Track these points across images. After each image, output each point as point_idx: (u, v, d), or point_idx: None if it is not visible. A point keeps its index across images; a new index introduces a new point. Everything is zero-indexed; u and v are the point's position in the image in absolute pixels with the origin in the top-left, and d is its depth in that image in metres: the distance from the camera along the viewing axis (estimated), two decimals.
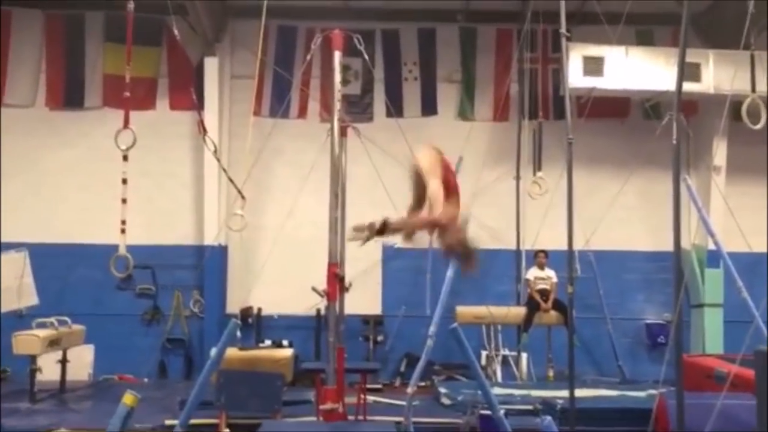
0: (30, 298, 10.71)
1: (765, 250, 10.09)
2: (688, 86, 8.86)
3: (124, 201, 8.14)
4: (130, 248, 8.41)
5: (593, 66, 10.72)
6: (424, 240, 11.15)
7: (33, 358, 9.07)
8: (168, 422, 7.40)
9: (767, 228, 8.17)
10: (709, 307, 11.43)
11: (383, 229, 4.41)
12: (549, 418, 4.21)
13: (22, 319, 10.49)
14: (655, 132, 7.74)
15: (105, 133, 9.30)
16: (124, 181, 8.13)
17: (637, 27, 11.62)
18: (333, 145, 4.65)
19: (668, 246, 7.03)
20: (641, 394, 8.85)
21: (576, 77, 10.54)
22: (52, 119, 11.88)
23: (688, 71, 8.82)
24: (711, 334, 11.32)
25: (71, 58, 11.87)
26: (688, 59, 7.39)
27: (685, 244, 9.50)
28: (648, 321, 11.89)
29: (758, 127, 7.34)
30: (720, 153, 11.47)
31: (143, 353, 11.32)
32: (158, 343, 11.59)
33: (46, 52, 11.89)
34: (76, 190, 11.66)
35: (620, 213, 10.67)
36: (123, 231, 8.10)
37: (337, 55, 4.69)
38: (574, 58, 10.58)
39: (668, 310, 10.96)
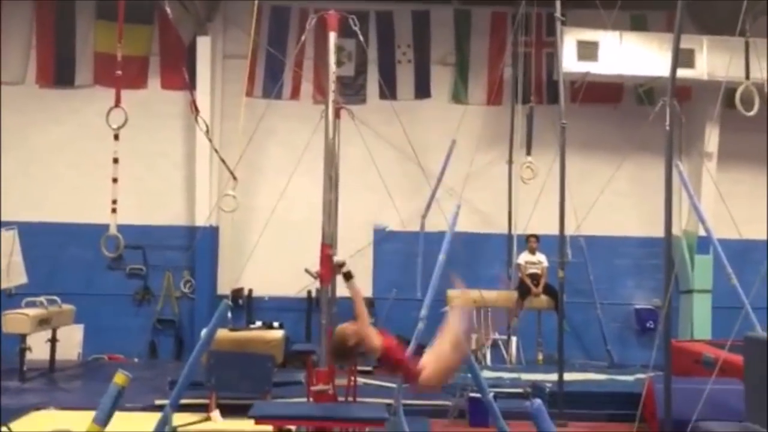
0: (19, 277, 10.67)
1: (755, 237, 10.12)
2: (682, 72, 8.85)
3: (115, 180, 8.10)
4: (121, 228, 8.38)
5: (587, 51, 10.69)
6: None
7: (23, 337, 9.06)
8: (158, 402, 7.40)
9: (767, 215, 8.17)
10: (698, 293, 11.51)
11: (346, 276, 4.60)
12: (539, 400, 4.23)
13: (11, 298, 10.47)
14: (648, 118, 7.74)
15: (96, 112, 9.23)
16: (116, 161, 8.08)
17: (632, 12, 11.58)
18: (327, 127, 4.63)
19: (659, 232, 7.07)
20: (629, 378, 8.93)
21: (570, 62, 10.51)
22: (43, 96, 11.76)
23: (681, 57, 8.76)
24: (699, 319, 11.41)
25: (62, 36, 11.74)
26: (682, 45, 7.35)
27: (676, 230, 9.55)
28: (637, 306, 11.95)
29: (751, 114, 7.34)
30: (712, 139, 11.49)
31: (133, 333, 11.31)
32: (149, 323, 11.58)
33: (37, 29, 11.75)
34: (67, 169, 11.58)
35: (612, 198, 10.69)
36: (114, 210, 8.07)
37: (332, 36, 4.65)
38: (569, 43, 10.54)
39: (658, 296, 11.03)
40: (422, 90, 12.09)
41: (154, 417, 5.56)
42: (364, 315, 4.35)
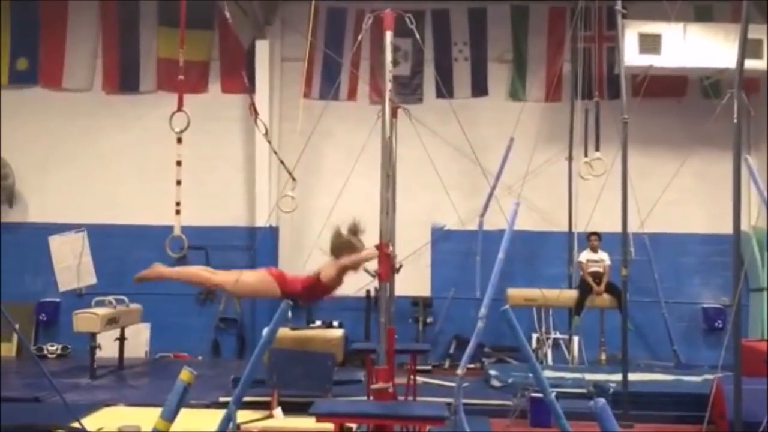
0: (89, 278, 11.06)
1: None
2: (750, 63, 8.56)
3: (178, 183, 8.29)
4: (184, 229, 8.58)
5: (650, 43, 10.45)
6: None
7: (93, 336, 9.36)
8: (222, 399, 7.57)
9: None
10: None
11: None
12: (603, 400, 4.14)
13: (81, 298, 10.85)
14: (713, 111, 7.54)
15: (159, 116, 9.49)
16: (179, 163, 8.27)
17: (696, 3, 11.29)
18: (384, 126, 4.64)
19: (726, 229, 6.85)
20: (697, 378, 8.68)
21: (632, 55, 10.30)
22: (109, 102, 12.12)
23: (749, 48, 8.52)
24: None
25: (126, 43, 12.08)
26: (750, 35, 7.13)
27: (745, 226, 9.25)
28: (705, 305, 11.62)
29: None
30: None
31: (197, 332, 11.55)
32: (212, 322, 11.81)
33: (102, 38, 12.12)
34: (132, 172, 11.91)
35: (676, 195, 10.43)
36: (178, 212, 8.27)
37: (389, 36, 4.66)
38: (630, 36, 10.33)
39: (726, 294, 10.70)
40: (479, 88, 12.00)
41: (218, 414, 5.64)
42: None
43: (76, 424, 6.55)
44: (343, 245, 5.14)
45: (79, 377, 9.21)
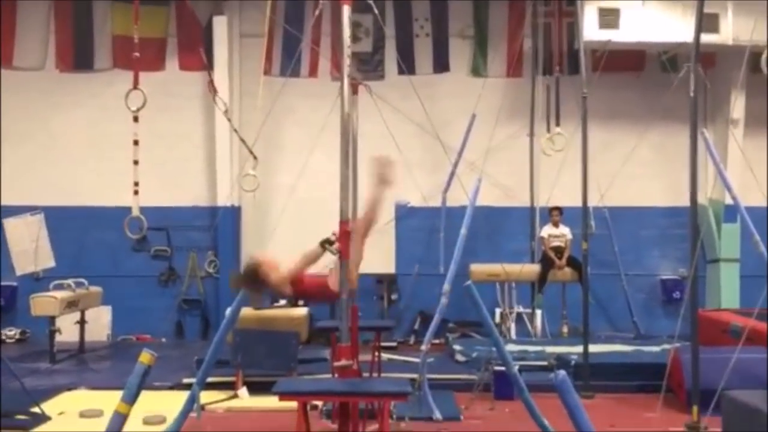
0: (47, 261, 10.84)
1: None
2: (706, 38, 8.64)
3: (135, 162, 8.16)
4: (144, 210, 8.46)
5: (609, 18, 10.51)
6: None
7: (52, 320, 9.21)
8: (186, 380, 7.52)
9: None
10: (726, 262, 11.39)
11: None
12: (563, 372, 4.20)
13: (39, 281, 10.65)
14: (671, 85, 7.59)
15: (116, 95, 9.29)
16: (136, 143, 8.14)
17: None
18: (343, 103, 4.59)
19: (684, 201, 6.97)
20: (656, 348, 8.87)
21: (591, 30, 10.37)
22: (63, 81, 11.81)
23: (706, 22, 8.59)
24: (727, 289, 11.29)
25: (79, 20, 11.76)
26: (706, 10, 7.20)
27: (702, 199, 9.41)
28: (663, 277, 11.86)
29: None
30: (738, 106, 11.27)
31: (160, 314, 11.44)
32: (175, 303, 11.70)
33: (55, 15, 11.78)
34: (89, 152, 11.66)
35: (636, 168, 10.56)
36: (136, 192, 8.14)
37: (346, 10, 4.59)
38: (589, 11, 10.39)
39: (684, 266, 10.90)
40: (441, 64, 11.97)
41: (183, 395, 5.62)
42: (295, 268, 4.68)
43: (36, 409, 6.46)
44: (255, 281, 4.77)
45: (39, 362, 9.07)
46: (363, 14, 9.74)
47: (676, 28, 10.21)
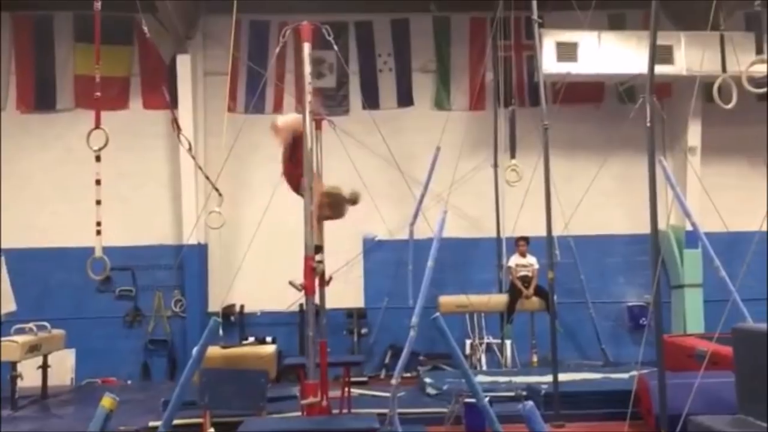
0: (8, 305, 10.56)
1: (742, 229, 10.17)
2: (661, 68, 8.92)
3: (98, 202, 8.04)
4: (108, 250, 8.30)
5: (567, 52, 10.76)
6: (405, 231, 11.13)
7: (13, 365, 8.98)
8: (152, 423, 7.36)
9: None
10: (689, 287, 11.54)
11: None
12: (531, 403, 4.22)
13: (1, 326, 10.39)
14: (629, 116, 7.76)
15: (79, 135, 9.15)
16: (98, 182, 8.02)
17: (609, 11, 11.68)
18: (305, 139, 4.62)
19: (646, 228, 7.07)
20: (624, 375, 8.91)
21: (550, 63, 10.58)
22: (24, 122, 11.72)
23: (660, 54, 8.86)
24: (691, 314, 11.43)
25: (41, 60, 11.72)
26: (660, 42, 7.41)
27: (663, 225, 9.58)
28: (629, 303, 11.99)
29: (730, 107, 7.37)
30: (694, 134, 11.57)
31: (126, 355, 11.25)
32: (141, 344, 11.51)
33: (15, 55, 11.73)
34: (52, 193, 11.52)
35: (598, 197, 10.72)
36: (99, 233, 8.01)
37: (306, 47, 4.66)
38: (548, 45, 10.61)
39: (649, 292, 10.94)
40: (405, 98, 12.12)
41: None
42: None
43: None
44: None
45: (0, 409, 8.81)
46: (327, 50, 9.80)
47: (632, 60, 10.47)
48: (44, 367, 9.77)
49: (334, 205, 5.58)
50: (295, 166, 5.06)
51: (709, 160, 11.62)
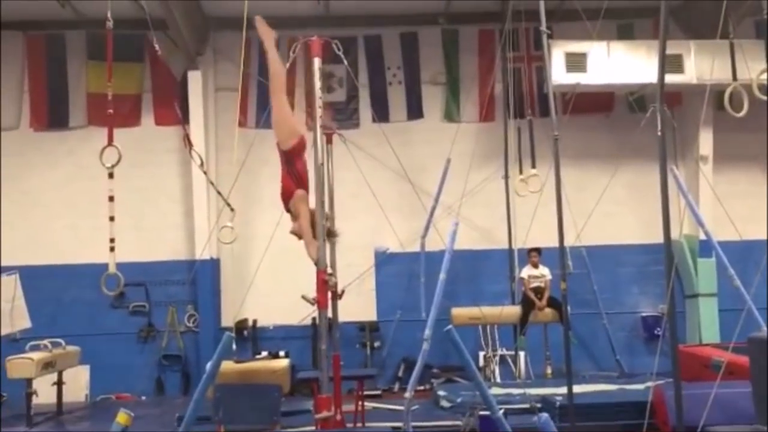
0: (23, 322, 10.62)
1: (755, 237, 10.11)
2: (671, 77, 8.88)
3: (111, 219, 8.08)
4: (122, 266, 8.33)
5: (576, 62, 10.76)
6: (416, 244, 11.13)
7: (28, 382, 8.98)
8: None
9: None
10: (704, 296, 11.46)
11: None
12: (546, 415, 4.20)
13: (16, 343, 10.44)
14: (640, 125, 7.74)
15: (91, 152, 9.27)
16: (111, 199, 8.07)
17: (618, 21, 11.67)
18: (316, 153, 4.65)
19: (660, 238, 7.01)
20: (640, 387, 8.84)
21: (559, 74, 10.58)
22: (38, 140, 11.83)
23: (669, 62, 8.85)
24: (707, 323, 11.35)
25: (54, 79, 11.83)
26: (670, 51, 7.40)
27: (676, 234, 9.54)
28: (644, 314, 11.90)
29: (741, 114, 7.35)
30: (706, 142, 11.51)
31: (140, 371, 11.26)
32: (154, 360, 11.54)
33: (29, 74, 11.86)
34: (66, 210, 11.61)
35: (610, 207, 10.69)
36: (112, 249, 8.04)
37: (316, 62, 4.69)
38: (557, 55, 10.61)
39: (663, 302, 10.95)
40: (414, 111, 12.15)
41: None
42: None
43: None
44: None
45: (16, 426, 8.83)
46: (336, 64, 9.89)
47: (642, 69, 10.47)
48: (59, 383, 9.77)
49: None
50: (295, 181, 5.01)
51: (721, 168, 11.57)
